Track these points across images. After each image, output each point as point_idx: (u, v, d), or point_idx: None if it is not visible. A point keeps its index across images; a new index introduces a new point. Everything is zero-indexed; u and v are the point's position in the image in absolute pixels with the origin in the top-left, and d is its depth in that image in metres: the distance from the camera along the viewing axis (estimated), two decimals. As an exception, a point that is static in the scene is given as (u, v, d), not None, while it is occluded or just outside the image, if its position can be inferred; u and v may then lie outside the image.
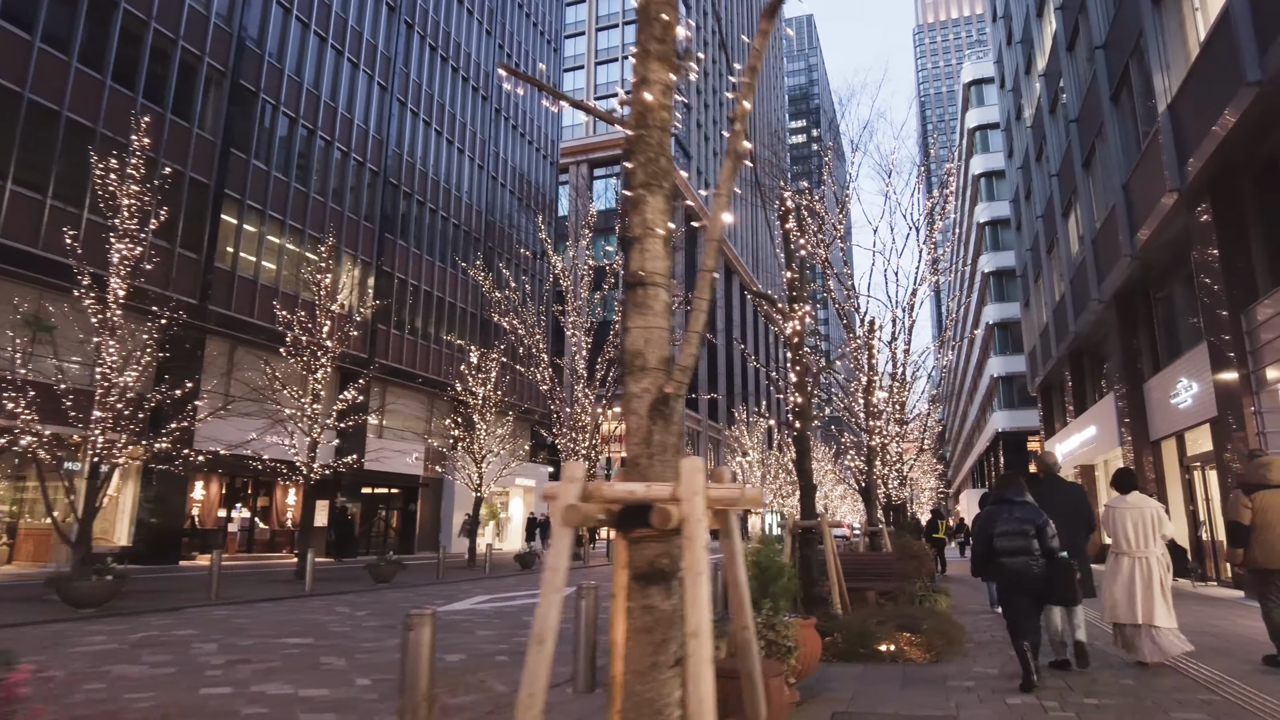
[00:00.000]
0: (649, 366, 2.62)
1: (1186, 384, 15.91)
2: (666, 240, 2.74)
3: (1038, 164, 28.47)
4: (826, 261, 22.08)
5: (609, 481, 2.55)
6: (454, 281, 34.14)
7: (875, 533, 13.18)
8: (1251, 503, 6.46)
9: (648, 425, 2.59)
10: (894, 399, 21.78)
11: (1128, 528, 6.54)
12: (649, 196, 2.74)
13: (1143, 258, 17.22)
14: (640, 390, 2.62)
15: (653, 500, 2.39)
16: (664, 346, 2.66)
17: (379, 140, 30.42)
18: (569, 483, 2.49)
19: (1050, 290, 27.55)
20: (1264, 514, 6.39)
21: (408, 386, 31.01)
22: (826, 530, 8.10)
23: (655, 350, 2.63)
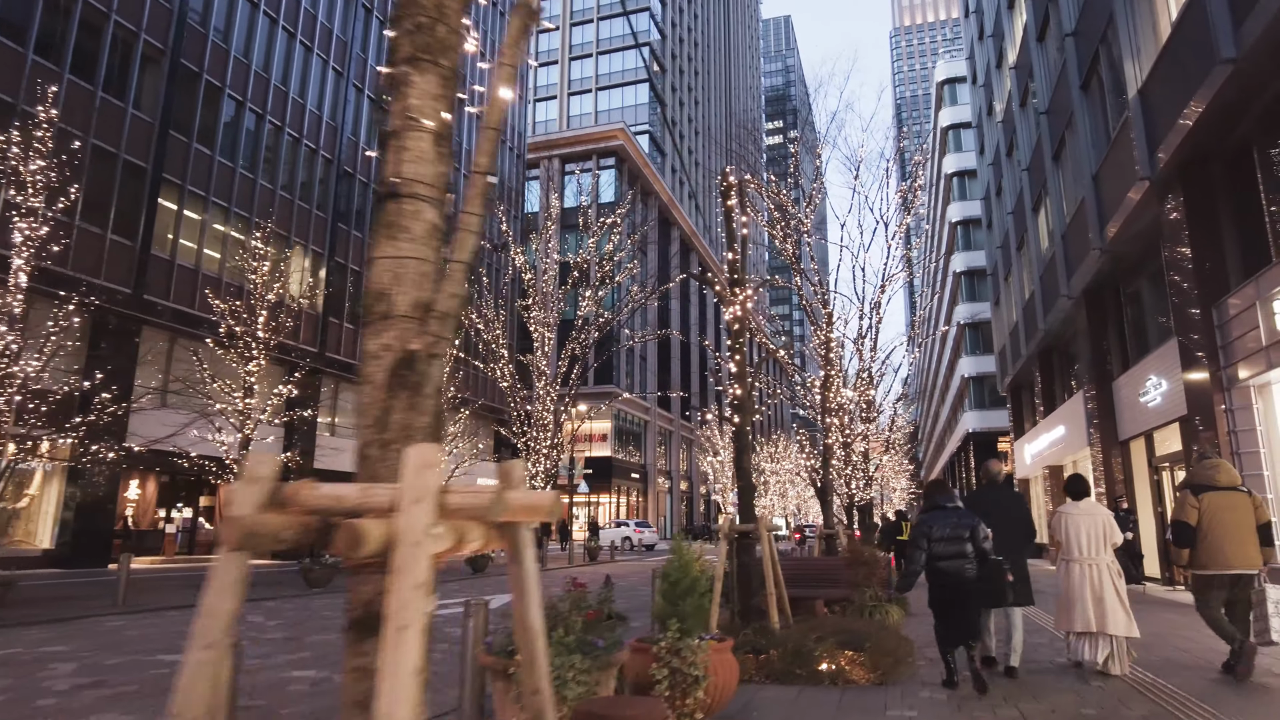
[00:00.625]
0: (394, 314, 1.82)
1: (1156, 381, 15.38)
2: (440, 137, 1.93)
3: (1009, 159, 28.03)
4: (795, 258, 21.42)
5: (313, 484, 1.72)
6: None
7: (831, 535, 12.45)
8: (1199, 504, 6.43)
9: (384, 399, 1.79)
10: (860, 396, 21.16)
11: (1080, 535, 6.51)
12: (415, 75, 1.95)
13: (1112, 251, 16.69)
14: (379, 348, 1.82)
15: (366, 509, 1.58)
16: (421, 286, 1.86)
17: (333, 127, 29.33)
18: (248, 484, 1.65)
19: (1020, 288, 27.11)
20: (1211, 515, 6.36)
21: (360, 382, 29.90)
22: (765, 534, 7.33)
23: (407, 291, 1.84)
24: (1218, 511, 6.38)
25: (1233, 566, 6.32)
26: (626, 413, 59.57)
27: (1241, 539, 6.33)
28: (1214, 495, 6.45)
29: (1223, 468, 6.61)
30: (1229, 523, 6.36)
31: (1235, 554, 6.31)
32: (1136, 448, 17.74)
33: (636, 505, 61.39)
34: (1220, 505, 6.40)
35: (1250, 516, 6.42)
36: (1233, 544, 6.32)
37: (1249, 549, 6.34)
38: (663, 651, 4.54)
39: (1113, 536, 6.50)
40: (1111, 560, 6.48)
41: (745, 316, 7.99)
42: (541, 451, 29.08)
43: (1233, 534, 6.34)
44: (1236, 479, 6.66)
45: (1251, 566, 6.36)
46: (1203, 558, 6.38)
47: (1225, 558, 6.31)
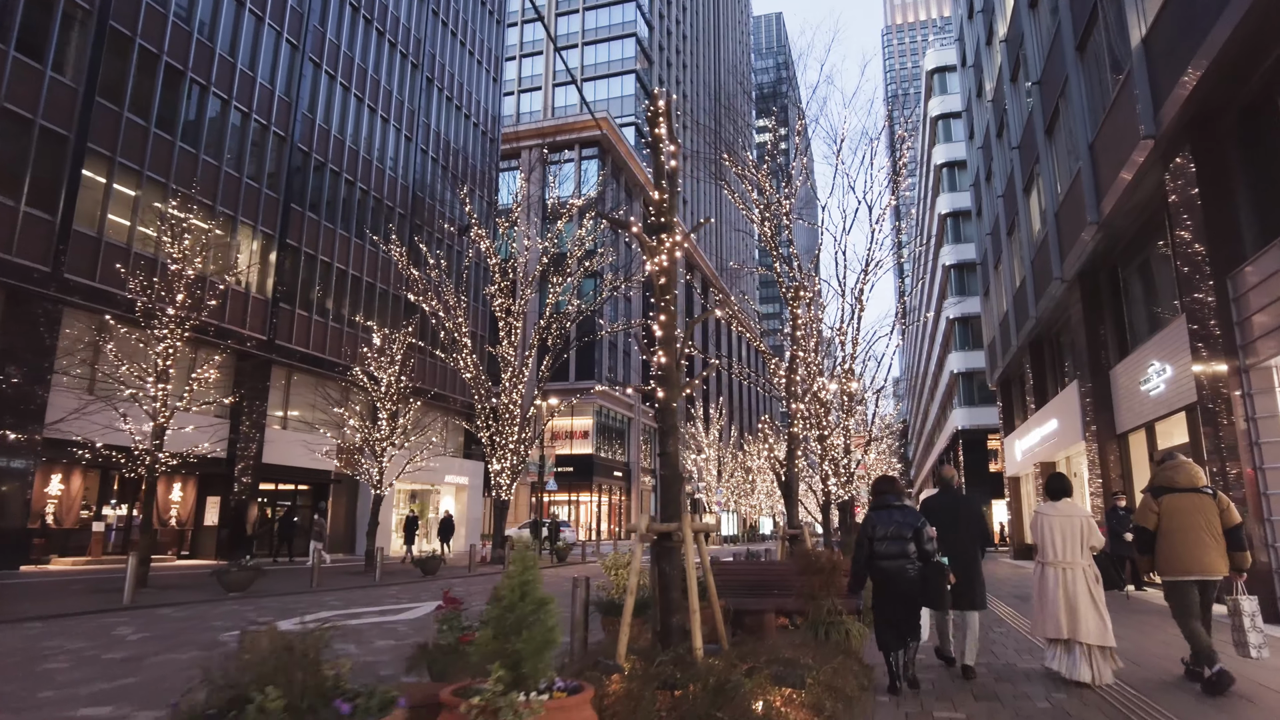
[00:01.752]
0: None
1: (1159, 367, 13.97)
2: None
3: (998, 141, 26.64)
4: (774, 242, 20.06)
5: None
6: (374, 261, 31.43)
7: (795, 536, 10.98)
8: (1158, 507, 6.21)
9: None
10: (841, 389, 19.73)
11: (1055, 536, 6.25)
12: None
13: (1109, 228, 15.27)
14: None
15: None
16: None
17: (287, 103, 27.69)
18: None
19: (1011, 276, 25.72)
20: (1169, 519, 6.13)
21: (317, 373, 28.27)
22: (689, 536, 5.82)
23: None
24: (1176, 515, 6.12)
25: (1191, 572, 6.01)
26: (609, 409, 58.02)
27: (1200, 544, 6.00)
28: (1173, 498, 6.17)
29: (1183, 469, 6.28)
30: (1188, 526, 6.05)
31: (1192, 559, 6.00)
32: (1136, 441, 16.35)
33: (619, 504, 59.85)
34: (1179, 508, 6.12)
35: (1214, 519, 6.06)
36: (1190, 548, 6.01)
37: (1209, 554, 5.99)
38: (473, 713, 3.03)
39: (1091, 539, 6.19)
40: (1089, 564, 6.16)
41: (671, 267, 6.48)
42: (508, 447, 27.57)
43: (1191, 538, 6.03)
44: (1198, 480, 6.26)
45: (1211, 572, 5.98)
46: (1161, 563, 6.17)
47: (1183, 563, 6.03)
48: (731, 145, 22.01)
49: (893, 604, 5.87)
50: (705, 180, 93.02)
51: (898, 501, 6.09)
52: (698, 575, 5.98)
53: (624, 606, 5.77)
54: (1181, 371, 12.77)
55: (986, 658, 7.29)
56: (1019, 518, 29.25)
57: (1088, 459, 17.92)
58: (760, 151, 23.69)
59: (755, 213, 22.04)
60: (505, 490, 27.52)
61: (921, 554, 5.87)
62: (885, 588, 5.91)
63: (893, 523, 5.92)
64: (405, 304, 31.07)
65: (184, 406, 15.86)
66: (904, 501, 6.13)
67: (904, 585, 5.81)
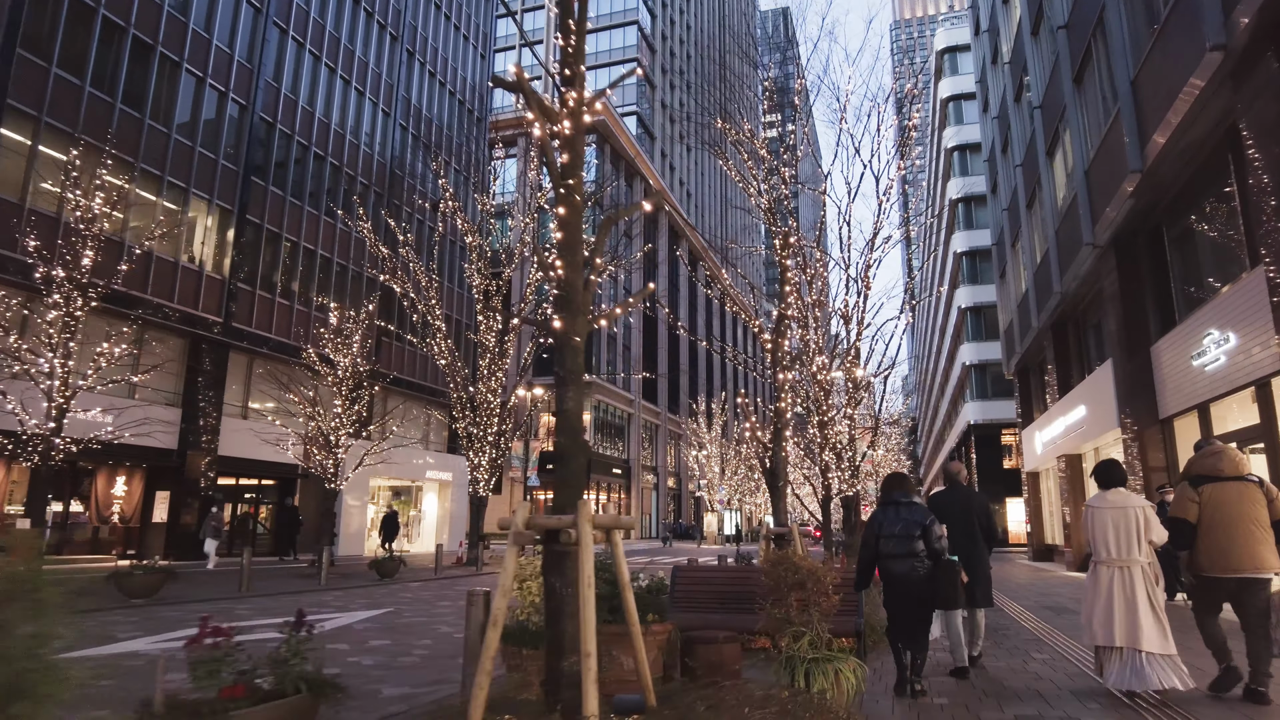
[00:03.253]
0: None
1: (1218, 337, 11.80)
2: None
3: (1016, 106, 24.45)
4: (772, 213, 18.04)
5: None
6: (345, 241, 29.41)
7: (781, 537, 8.88)
8: (1199, 497, 5.62)
9: None
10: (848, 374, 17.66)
11: (1108, 532, 5.59)
12: None
13: (1154, 176, 13.11)
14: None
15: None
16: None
17: (248, 69, 25.70)
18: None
19: (1031, 251, 23.51)
20: (1213, 511, 5.54)
21: (281, 359, 26.28)
22: (588, 532, 3.74)
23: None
24: (1221, 506, 5.55)
25: (1238, 570, 5.43)
26: (607, 404, 55.92)
27: (1249, 536, 5.44)
28: (1216, 487, 5.62)
29: (1226, 455, 5.75)
30: (1234, 518, 5.49)
31: (1241, 554, 5.42)
32: (1183, 427, 14.17)
33: (618, 503, 57.75)
34: (1224, 499, 5.56)
35: (1262, 510, 5.51)
36: (1239, 543, 5.44)
37: (1259, 548, 5.42)
38: None
39: (1150, 532, 5.52)
40: (1150, 561, 5.53)
41: (578, 137, 4.41)
42: (487, 440, 25.55)
43: (1239, 531, 5.46)
44: (1243, 467, 5.70)
45: (1263, 569, 5.41)
46: (1203, 559, 5.61)
47: (1229, 559, 5.46)
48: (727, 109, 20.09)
49: (902, 605, 5.63)
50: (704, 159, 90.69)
51: (906, 499, 5.80)
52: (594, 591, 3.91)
53: (485, 639, 3.70)
54: (1252, 338, 10.61)
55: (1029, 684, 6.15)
56: (1039, 516, 27.04)
57: (1124, 449, 15.74)
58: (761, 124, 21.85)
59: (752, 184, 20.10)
60: (483, 486, 25.53)
61: (931, 553, 5.58)
62: (893, 588, 5.66)
63: (900, 520, 5.66)
64: (379, 287, 29.07)
65: (88, 385, 13.86)
66: (913, 499, 5.80)
67: (912, 586, 5.57)
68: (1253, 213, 10.78)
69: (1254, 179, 9.96)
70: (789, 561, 4.91)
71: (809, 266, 17.78)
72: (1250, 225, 11.01)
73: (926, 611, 5.68)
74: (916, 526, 5.61)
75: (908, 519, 5.67)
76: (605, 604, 5.19)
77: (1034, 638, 8.64)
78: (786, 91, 21.09)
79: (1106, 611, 5.48)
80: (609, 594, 5.30)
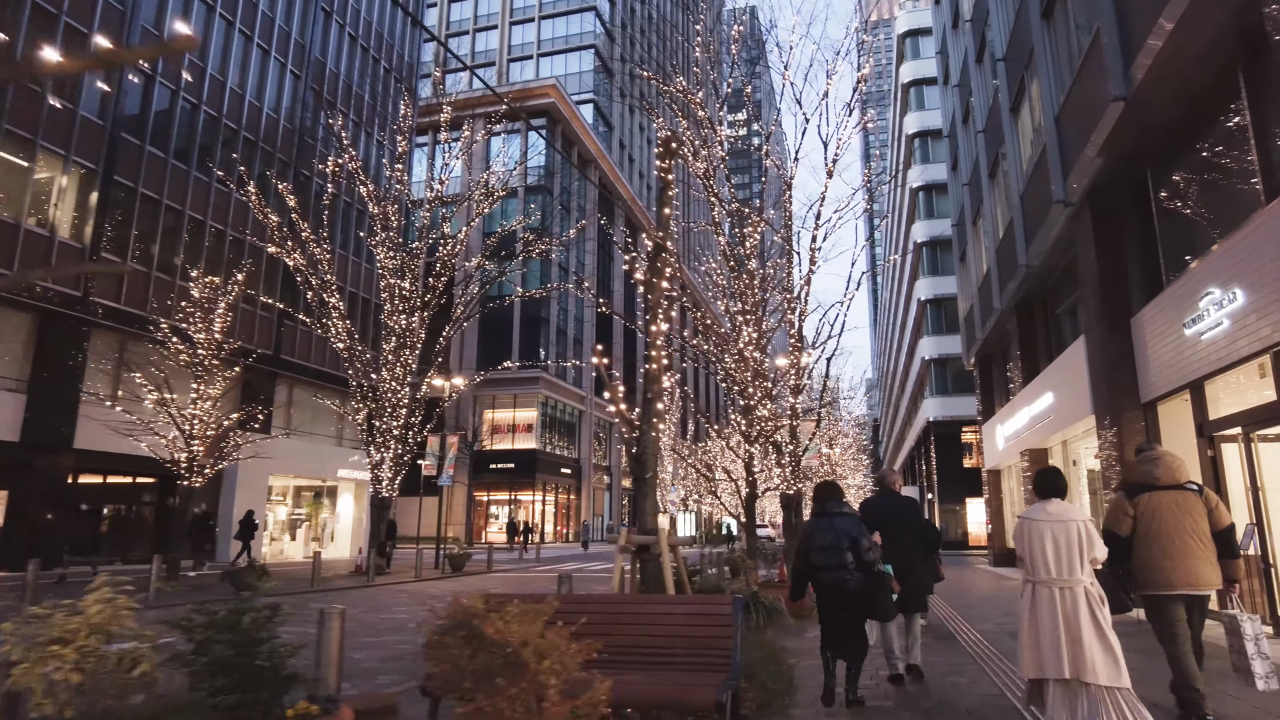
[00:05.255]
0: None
1: (1220, 296, 9.51)
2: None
3: (978, 66, 22.30)
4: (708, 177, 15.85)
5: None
6: (242, 211, 26.31)
7: (645, 549, 6.35)
8: (1134, 508, 5.26)
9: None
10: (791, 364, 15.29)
11: (1046, 548, 4.75)
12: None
13: (1141, 110, 10.82)
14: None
15: None
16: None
17: (119, 11, 22.62)
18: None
19: (993, 225, 21.33)
20: (1149, 522, 5.18)
21: (157, 341, 23.19)
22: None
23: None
24: (1157, 516, 5.14)
25: (1176, 586, 5.01)
26: (557, 401, 53.22)
27: (1186, 550, 5.04)
28: (1152, 496, 5.21)
29: (1164, 461, 5.30)
30: (1171, 530, 5.08)
31: (1178, 570, 5.02)
32: (1171, 411, 11.92)
33: (568, 504, 55.03)
34: (1159, 508, 5.15)
35: (1202, 521, 5.10)
36: (1174, 557, 5.04)
37: (1196, 563, 5.02)
38: None
39: (1092, 550, 4.68)
40: (1092, 582, 4.68)
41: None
42: (392, 434, 22.75)
43: (1176, 544, 5.06)
44: (1181, 474, 5.26)
45: (1201, 585, 5.00)
46: (1141, 575, 5.16)
47: (1166, 575, 5.03)
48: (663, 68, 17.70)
49: (833, 616, 5.63)
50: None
51: (838, 509, 5.78)
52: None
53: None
54: (1268, 291, 8.31)
55: None
56: (1000, 517, 24.93)
57: (1099, 439, 13.48)
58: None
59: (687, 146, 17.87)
60: (387, 485, 22.74)
61: (861, 565, 5.53)
62: (825, 599, 5.67)
63: (832, 531, 5.63)
64: (287, 270, 26.06)
65: None
66: (845, 509, 5.80)
67: (844, 597, 5.55)
68: (1271, 134, 8.50)
69: (1277, 90, 7.64)
70: (477, 631, 2.34)
71: (744, 224, 15.38)
72: (1267, 149, 8.73)
73: (859, 623, 5.63)
74: (846, 538, 5.55)
75: (839, 529, 5.60)
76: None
77: (996, 696, 6.19)
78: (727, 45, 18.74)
79: (1050, 637, 4.63)
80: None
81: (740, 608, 4.89)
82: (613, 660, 4.91)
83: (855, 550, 5.49)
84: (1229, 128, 9.91)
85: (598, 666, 4.96)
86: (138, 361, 21.09)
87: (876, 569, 5.54)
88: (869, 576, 5.51)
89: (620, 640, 4.99)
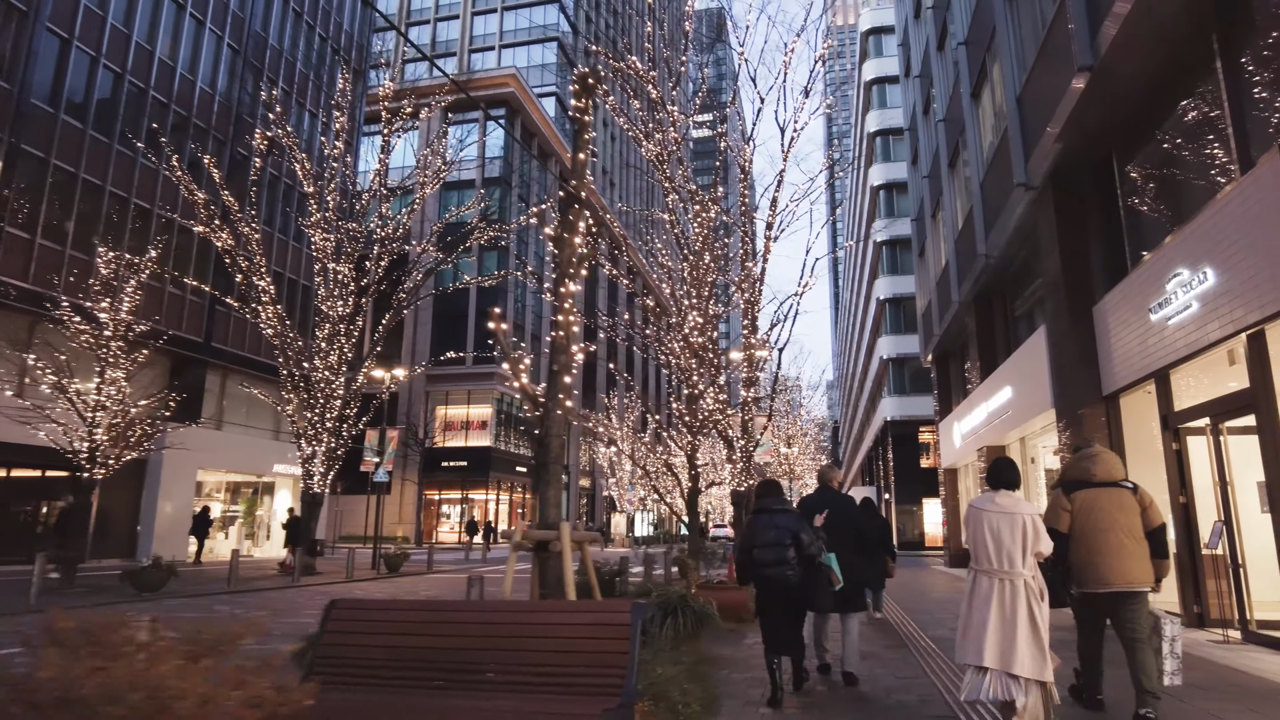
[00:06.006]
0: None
1: (1189, 277, 8.87)
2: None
3: (939, 54, 21.76)
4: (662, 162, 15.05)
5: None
6: (170, 189, 24.75)
7: (544, 545, 5.45)
8: (1071, 505, 5.22)
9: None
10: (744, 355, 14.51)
11: (990, 538, 4.65)
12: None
13: (1108, 82, 10.18)
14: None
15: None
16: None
17: (35, -25, 21.06)
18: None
19: (953, 216, 20.79)
20: (1084, 519, 5.14)
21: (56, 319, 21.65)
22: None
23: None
24: (1091, 514, 5.12)
25: (1107, 584, 5.01)
26: (514, 397, 51.94)
27: (1120, 548, 5.00)
28: (1088, 494, 5.19)
29: (1101, 458, 5.29)
30: (1104, 527, 5.05)
31: (1111, 567, 5.01)
32: (1135, 403, 11.32)
33: (524, 503, 53.79)
34: (1095, 505, 5.13)
35: (1135, 519, 5.06)
36: (1108, 555, 5.02)
37: (1128, 561, 4.99)
38: None
39: (1037, 543, 4.59)
40: (1033, 575, 4.58)
41: None
42: (325, 426, 21.51)
43: (1109, 542, 5.02)
44: (1118, 472, 5.24)
45: (1132, 583, 4.99)
46: (1076, 573, 5.16)
47: (1099, 572, 5.03)
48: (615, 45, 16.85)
49: (774, 611, 5.65)
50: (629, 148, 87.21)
51: (779, 506, 5.84)
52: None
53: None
54: (1241, 270, 7.66)
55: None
56: (956, 517, 24.45)
57: (1059, 434, 12.87)
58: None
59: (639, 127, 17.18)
60: (319, 481, 21.51)
61: (803, 559, 5.56)
62: (765, 595, 5.69)
63: (773, 528, 5.65)
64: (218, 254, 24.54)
65: None
66: (785, 506, 5.85)
67: (784, 593, 5.58)
68: (1246, 100, 7.87)
69: (1254, 51, 6.97)
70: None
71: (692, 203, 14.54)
72: (1242, 118, 8.09)
73: (799, 617, 5.75)
74: (788, 534, 5.59)
75: (780, 526, 5.65)
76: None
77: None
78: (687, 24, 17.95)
79: (982, 629, 4.58)
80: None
81: (641, 615, 4.00)
82: (481, 683, 3.99)
83: (797, 545, 5.53)
84: (1200, 100, 9.29)
85: (463, 691, 4.03)
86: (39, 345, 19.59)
87: (818, 561, 5.59)
88: (809, 570, 5.58)
89: (497, 657, 4.09)
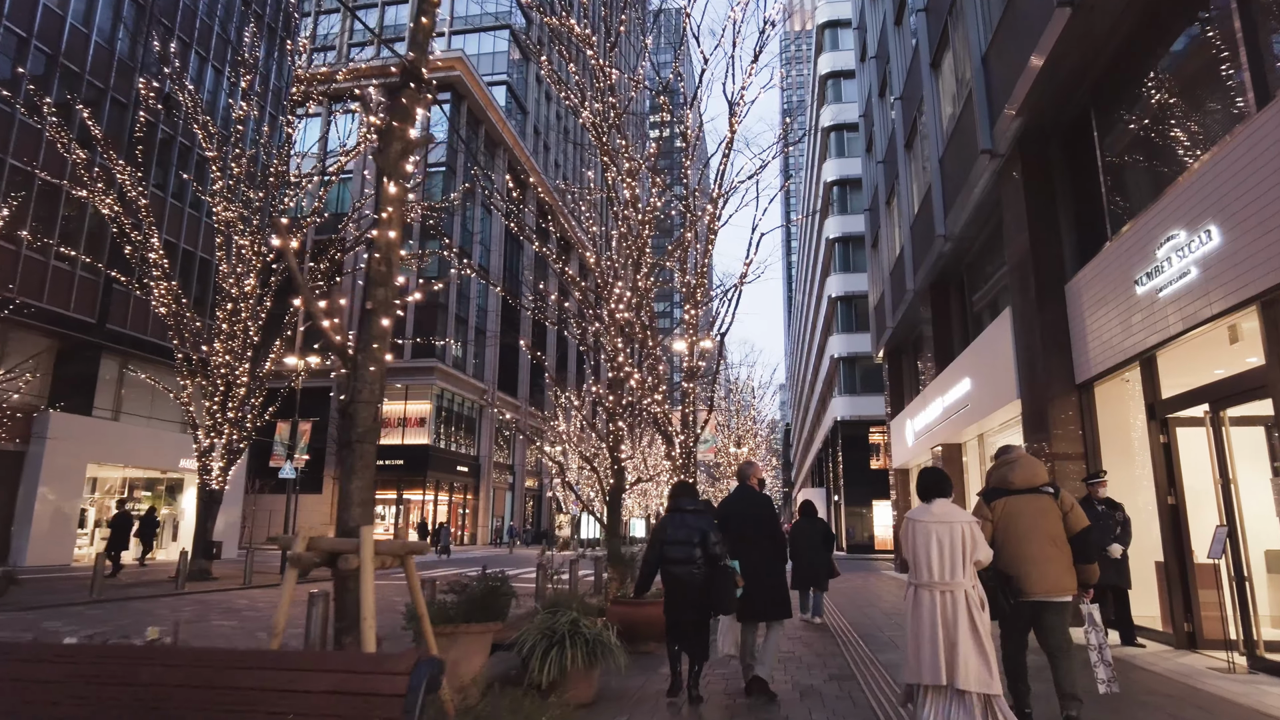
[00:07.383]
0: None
1: (1185, 240, 7.57)
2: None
3: (897, 29, 20.55)
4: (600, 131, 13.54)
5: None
6: (27, 135, 22.04)
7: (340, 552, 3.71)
8: (993, 513, 5.00)
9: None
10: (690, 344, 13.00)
11: (931, 550, 4.49)
12: None
13: (1090, 19, 8.88)
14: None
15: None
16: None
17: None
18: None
19: (909, 201, 19.57)
20: (1005, 527, 4.91)
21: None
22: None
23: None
24: (1013, 521, 4.89)
25: (1030, 592, 4.75)
26: (454, 394, 49.76)
27: (1042, 555, 4.77)
28: (1009, 501, 4.97)
29: (1020, 464, 5.04)
30: (1025, 534, 4.83)
31: (1032, 575, 4.75)
32: (1111, 392, 10.05)
33: (464, 504, 51.57)
34: (1016, 513, 4.90)
35: (1056, 524, 4.85)
36: (1028, 563, 4.77)
37: (1051, 568, 4.75)
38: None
39: (976, 552, 4.45)
40: (973, 585, 4.42)
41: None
42: (227, 417, 19.41)
43: (1030, 549, 4.79)
44: (1038, 477, 4.99)
45: (1054, 591, 4.73)
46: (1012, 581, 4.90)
47: (1021, 581, 4.77)
48: None
49: (680, 609, 5.79)
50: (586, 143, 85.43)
51: (692, 506, 6.02)
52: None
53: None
54: (1250, 232, 6.34)
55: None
56: (907, 520, 23.30)
57: (1024, 429, 11.57)
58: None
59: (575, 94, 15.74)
60: (216, 477, 19.40)
61: (708, 558, 5.75)
62: (673, 592, 5.85)
63: (684, 527, 5.85)
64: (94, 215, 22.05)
65: None
66: (697, 506, 6.03)
67: (691, 591, 5.75)
68: (1262, 23, 6.58)
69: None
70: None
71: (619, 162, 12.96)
72: (1258, 46, 6.80)
73: (703, 617, 5.82)
74: (697, 533, 5.76)
75: (690, 525, 5.83)
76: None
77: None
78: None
79: (927, 644, 4.31)
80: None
81: (425, 676, 2.40)
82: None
83: (704, 544, 5.74)
84: (1204, 29, 8.01)
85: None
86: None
87: (721, 563, 5.72)
88: (714, 570, 5.72)
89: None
